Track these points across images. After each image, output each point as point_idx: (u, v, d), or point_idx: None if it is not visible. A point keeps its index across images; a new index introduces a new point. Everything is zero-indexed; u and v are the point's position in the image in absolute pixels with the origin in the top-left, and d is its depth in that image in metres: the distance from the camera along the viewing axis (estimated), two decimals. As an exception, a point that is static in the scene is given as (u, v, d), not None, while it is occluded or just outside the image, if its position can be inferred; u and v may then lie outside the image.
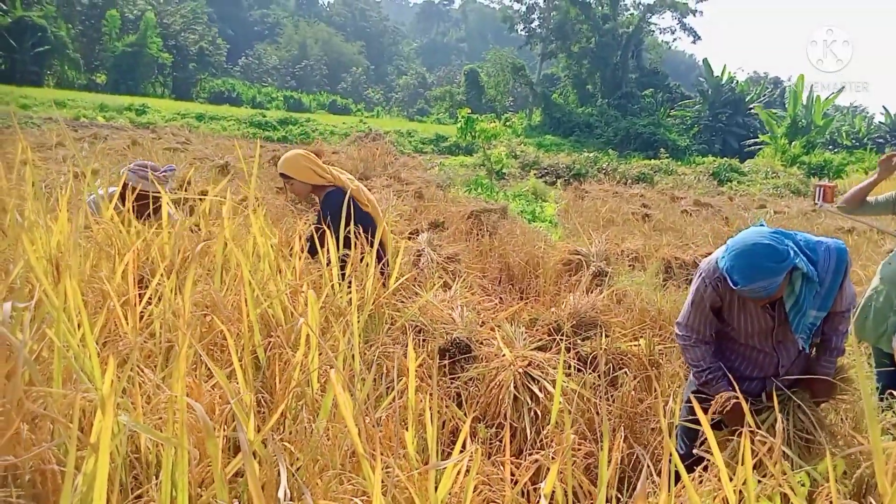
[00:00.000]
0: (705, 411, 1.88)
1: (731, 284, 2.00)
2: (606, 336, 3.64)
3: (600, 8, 46.76)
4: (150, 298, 1.98)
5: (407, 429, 1.40)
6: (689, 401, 2.58)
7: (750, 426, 1.70)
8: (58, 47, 43.93)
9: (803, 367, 2.35)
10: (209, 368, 1.69)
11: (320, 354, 1.70)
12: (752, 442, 1.97)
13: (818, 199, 3.31)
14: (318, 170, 3.50)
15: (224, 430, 1.39)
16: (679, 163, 26.77)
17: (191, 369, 1.54)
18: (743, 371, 2.36)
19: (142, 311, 1.94)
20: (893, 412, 2.86)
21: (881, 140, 40.01)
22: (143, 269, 2.02)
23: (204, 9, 62.93)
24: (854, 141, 38.42)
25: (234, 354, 1.45)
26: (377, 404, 1.78)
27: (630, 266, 6.24)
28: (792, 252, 1.96)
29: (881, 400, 2.62)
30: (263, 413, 1.76)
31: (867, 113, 52.33)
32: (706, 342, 2.31)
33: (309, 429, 1.43)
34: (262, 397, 1.78)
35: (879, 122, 43.50)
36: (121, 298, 1.87)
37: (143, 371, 1.41)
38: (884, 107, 49.19)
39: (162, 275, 1.90)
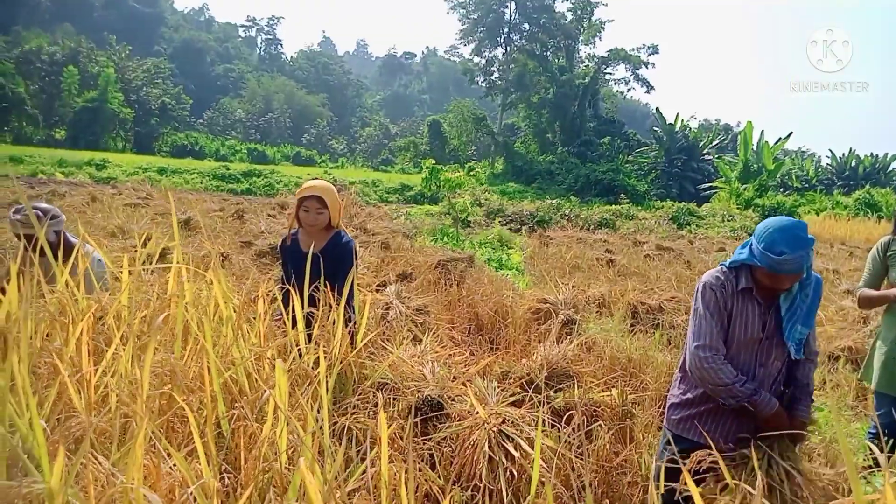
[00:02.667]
0: (684, 464, 1.87)
1: (773, 258, 2.13)
2: (579, 387, 3.61)
3: (557, 60, 48.42)
4: (105, 369, 1.88)
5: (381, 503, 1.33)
6: (664, 453, 2.55)
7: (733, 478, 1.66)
8: (15, 103, 43.39)
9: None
10: (169, 445, 1.60)
11: (287, 424, 1.62)
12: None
13: None
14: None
15: (185, 515, 1.30)
16: (639, 207, 27.39)
17: (150, 447, 1.45)
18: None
19: (98, 383, 1.84)
20: (868, 455, 2.88)
21: (828, 181, 41.71)
22: (98, 339, 1.92)
23: (166, 64, 63.09)
24: (804, 183, 39.96)
25: (195, 433, 1.37)
26: (349, 475, 1.70)
27: (597, 312, 6.27)
28: None
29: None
30: (228, 489, 1.67)
31: (815, 156, 54.64)
32: (723, 361, 2.29)
33: (276, 510, 1.35)
34: (228, 473, 1.68)
35: (827, 164, 45.41)
36: (75, 371, 1.77)
37: (96, 457, 1.32)
38: (830, 150, 51.45)
39: (118, 344, 1.81)
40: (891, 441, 3.28)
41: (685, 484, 1.53)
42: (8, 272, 1.94)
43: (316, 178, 3.53)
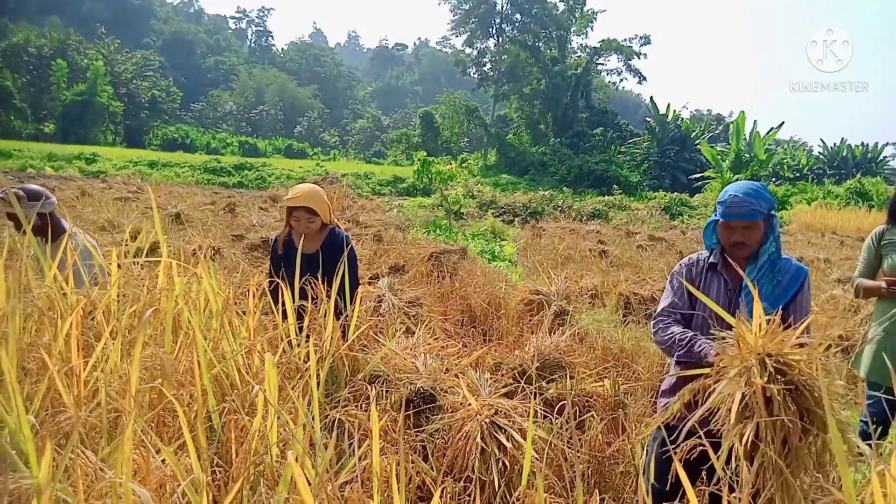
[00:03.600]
0: (674, 452, 1.88)
1: (724, 202, 2.26)
2: (571, 378, 3.62)
3: (549, 51, 48.31)
4: (95, 363, 1.87)
5: (372, 497, 1.33)
6: (656, 438, 2.56)
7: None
8: (3, 97, 42.98)
9: None
10: (160, 439, 1.60)
11: (278, 418, 1.62)
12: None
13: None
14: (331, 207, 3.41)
15: (175, 509, 1.30)
16: (631, 198, 27.43)
17: (139, 442, 1.44)
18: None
19: (87, 378, 1.83)
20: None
21: (820, 171, 41.87)
22: (88, 334, 1.91)
23: (156, 57, 62.61)
24: (796, 173, 40.08)
25: (185, 427, 1.37)
26: (341, 468, 1.70)
27: (590, 303, 6.29)
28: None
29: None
30: (219, 482, 1.66)
31: (807, 146, 54.81)
32: (673, 322, 2.39)
33: (267, 503, 1.35)
34: (219, 467, 1.68)
35: (818, 154, 45.54)
36: (64, 366, 1.76)
37: (84, 452, 1.31)
38: (821, 139, 51.61)
39: (107, 339, 1.80)
40: (880, 429, 3.31)
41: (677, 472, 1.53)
42: None
43: (301, 182, 3.46)
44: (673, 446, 1.89)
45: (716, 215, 2.34)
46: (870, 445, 1.44)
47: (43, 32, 52.77)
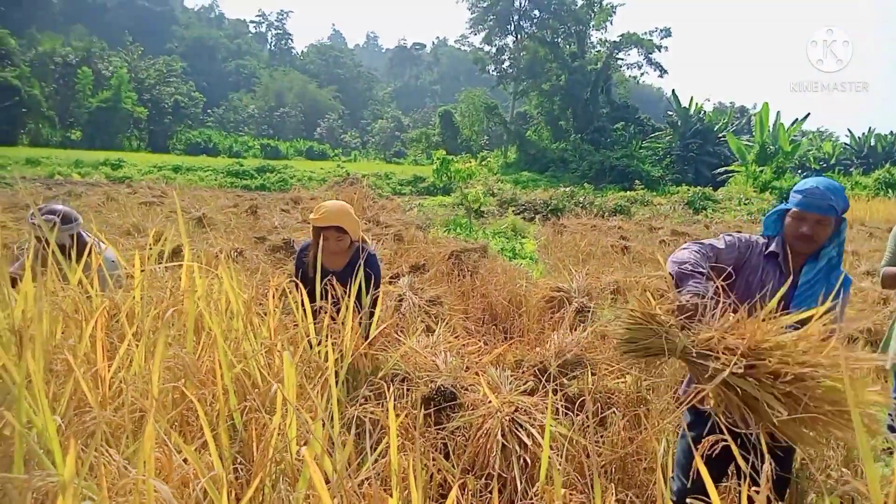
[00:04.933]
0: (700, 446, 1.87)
1: (803, 191, 2.26)
2: (593, 374, 3.60)
3: (568, 47, 47.99)
4: (119, 365, 1.91)
5: (391, 494, 1.34)
6: (685, 435, 2.54)
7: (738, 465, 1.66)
8: (32, 106, 43.92)
9: None
10: (182, 438, 1.62)
11: (298, 417, 1.64)
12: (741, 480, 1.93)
13: None
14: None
15: (198, 506, 1.32)
16: (654, 193, 27.13)
17: (162, 441, 1.47)
18: None
19: (111, 378, 1.86)
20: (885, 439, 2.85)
21: (847, 162, 41.03)
22: (112, 336, 1.95)
23: (179, 62, 63.50)
24: (823, 164, 39.33)
25: (205, 426, 1.39)
26: (360, 465, 1.72)
27: (612, 299, 6.23)
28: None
29: None
30: (241, 480, 1.69)
31: (833, 136, 53.73)
32: (701, 258, 2.27)
33: (287, 500, 1.37)
34: (241, 463, 1.71)
35: (844, 144, 44.62)
36: (90, 367, 1.80)
37: (108, 451, 1.34)
38: (848, 129, 50.54)
39: (131, 341, 1.83)
40: None
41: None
42: (22, 266, 1.98)
43: (328, 201, 3.38)
44: (697, 444, 1.89)
45: (787, 204, 2.34)
46: None
47: (68, 41, 53.80)
